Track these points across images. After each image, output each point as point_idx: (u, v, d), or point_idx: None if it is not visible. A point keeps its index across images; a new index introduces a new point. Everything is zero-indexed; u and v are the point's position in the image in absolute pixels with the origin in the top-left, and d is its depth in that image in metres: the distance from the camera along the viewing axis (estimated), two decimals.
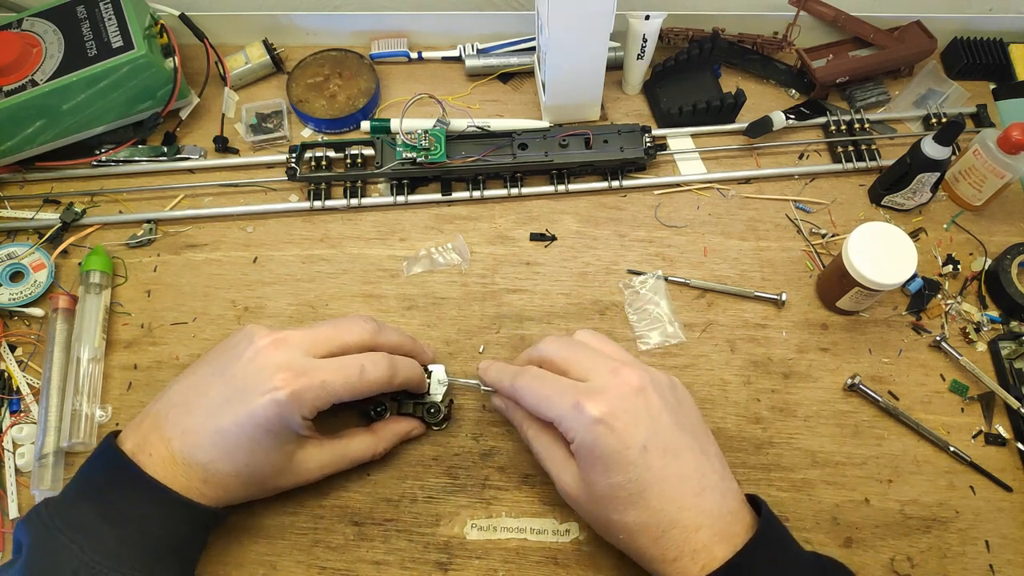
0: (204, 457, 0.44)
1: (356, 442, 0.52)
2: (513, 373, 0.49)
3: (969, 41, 0.73)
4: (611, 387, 0.44)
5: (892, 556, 0.52)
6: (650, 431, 0.43)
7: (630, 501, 0.43)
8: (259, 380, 0.44)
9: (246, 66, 0.72)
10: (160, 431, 0.45)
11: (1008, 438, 0.56)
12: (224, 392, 0.45)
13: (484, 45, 0.74)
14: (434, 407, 0.54)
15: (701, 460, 0.44)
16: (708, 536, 0.42)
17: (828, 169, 0.68)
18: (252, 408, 0.44)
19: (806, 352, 0.60)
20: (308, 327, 0.48)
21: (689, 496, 0.42)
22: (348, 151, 0.66)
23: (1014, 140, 0.58)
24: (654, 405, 0.44)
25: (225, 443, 0.44)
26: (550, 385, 0.46)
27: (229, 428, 0.44)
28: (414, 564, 0.51)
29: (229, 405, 0.44)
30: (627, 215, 0.66)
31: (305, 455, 0.48)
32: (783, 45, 0.73)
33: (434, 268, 0.63)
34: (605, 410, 0.43)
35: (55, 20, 0.64)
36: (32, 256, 0.62)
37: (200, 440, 0.44)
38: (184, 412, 0.46)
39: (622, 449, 0.42)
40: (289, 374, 0.44)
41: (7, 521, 0.53)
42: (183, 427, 0.45)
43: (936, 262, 0.64)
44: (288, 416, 0.44)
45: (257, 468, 0.46)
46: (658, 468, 0.42)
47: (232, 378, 0.45)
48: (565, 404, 0.44)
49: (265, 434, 0.44)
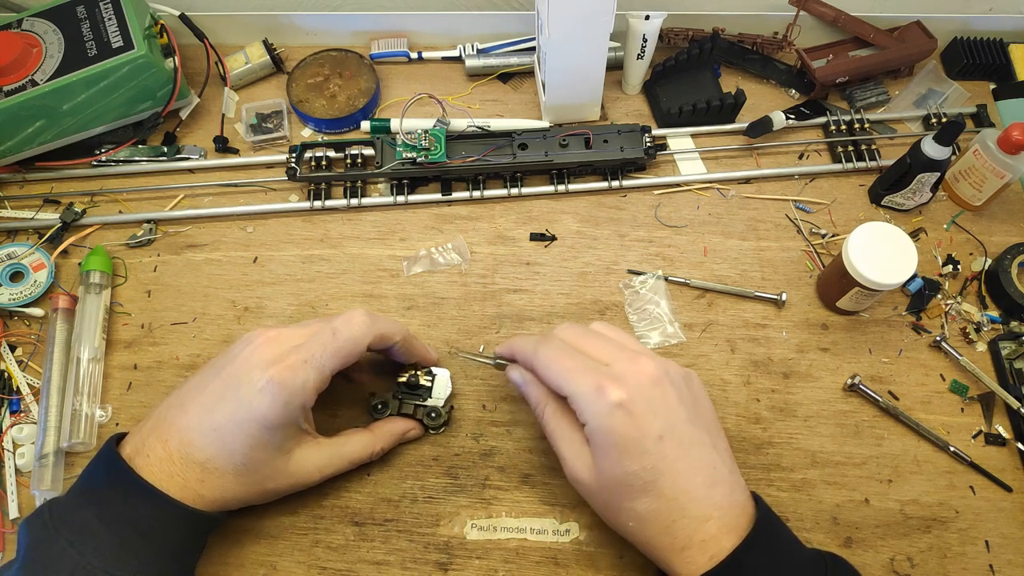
0: (201, 455, 0.44)
1: (353, 441, 0.51)
2: (536, 341, 0.48)
3: (969, 41, 0.73)
4: (630, 375, 0.44)
5: (892, 556, 0.52)
6: (667, 422, 0.43)
7: (643, 489, 0.42)
8: (252, 375, 0.45)
9: (246, 66, 0.72)
10: (159, 431, 0.45)
11: (1008, 438, 0.56)
12: (219, 390, 0.45)
13: (484, 45, 0.74)
14: (435, 411, 0.54)
15: (713, 454, 0.44)
16: (717, 527, 0.42)
17: (828, 169, 0.68)
18: (245, 402, 0.44)
19: (806, 352, 0.60)
20: (303, 323, 0.49)
21: (701, 488, 0.43)
22: (348, 151, 0.66)
23: (1014, 140, 0.58)
24: (671, 396, 0.44)
25: (222, 439, 0.44)
26: (574, 360, 0.45)
27: (225, 424, 0.44)
28: (414, 564, 0.51)
29: (224, 402, 0.45)
30: (627, 215, 0.66)
31: (302, 454, 0.48)
32: (783, 45, 0.73)
33: (434, 268, 0.63)
34: (624, 396, 0.42)
35: (55, 20, 0.64)
36: (32, 256, 0.62)
37: (196, 438, 0.44)
38: (182, 412, 0.46)
39: (639, 437, 0.42)
40: (278, 367, 0.45)
41: (7, 521, 0.53)
42: (180, 426, 0.45)
43: (936, 262, 0.64)
44: (282, 406, 0.44)
45: (254, 466, 0.46)
46: (673, 459, 0.42)
47: (228, 377, 0.46)
48: (587, 384, 0.43)
49: (261, 429, 0.44)
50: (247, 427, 0.44)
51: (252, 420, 0.44)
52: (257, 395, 0.44)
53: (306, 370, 0.45)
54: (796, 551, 0.44)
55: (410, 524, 0.53)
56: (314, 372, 0.45)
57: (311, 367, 0.45)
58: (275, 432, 0.45)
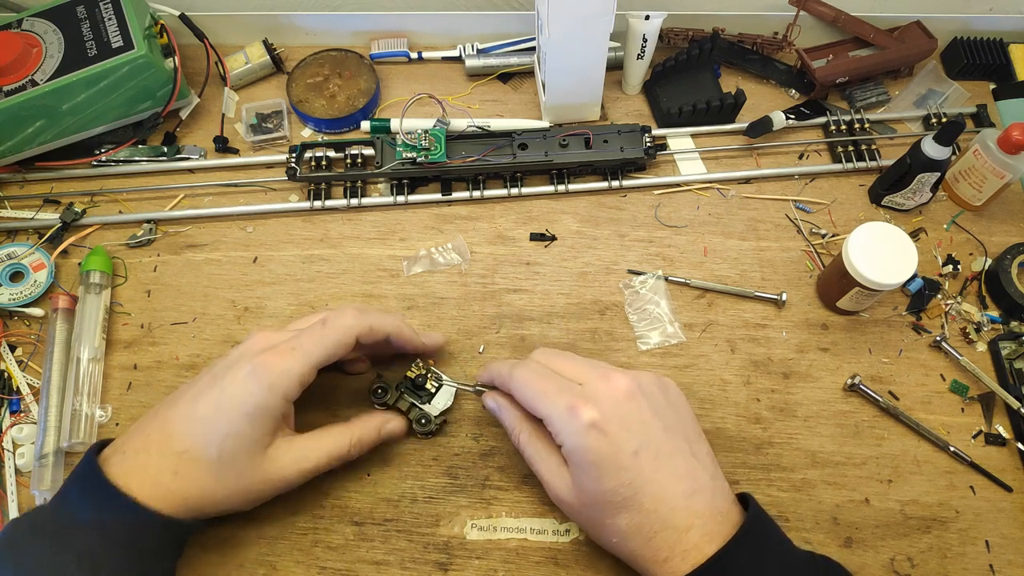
0: (179, 445, 0.44)
1: (331, 433, 0.50)
2: (512, 364, 0.49)
3: (969, 41, 0.73)
4: (603, 393, 0.44)
5: (892, 556, 0.52)
6: (641, 436, 0.43)
7: (623, 505, 0.43)
8: (239, 364, 0.45)
9: (246, 66, 0.72)
10: (143, 426, 0.46)
11: (1008, 438, 0.56)
12: (208, 381, 0.46)
13: (484, 45, 0.74)
14: (426, 418, 0.54)
15: (692, 462, 0.44)
16: (698, 536, 0.42)
17: (828, 169, 0.68)
18: (228, 389, 0.44)
19: (806, 352, 0.60)
20: (295, 320, 0.50)
21: (680, 498, 0.43)
22: (348, 151, 0.66)
23: (1014, 140, 0.58)
24: (645, 410, 0.45)
25: (203, 427, 0.44)
26: (548, 381, 0.46)
27: (206, 412, 0.44)
28: (414, 564, 0.51)
29: (210, 390, 0.45)
30: (627, 215, 0.66)
31: (278, 449, 0.47)
32: (783, 45, 0.73)
33: (434, 268, 0.63)
34: (597, 416, 0.43)
35: (55, 20, 0.64)
36: (32, 256, 0.62)
37: (178, 427, 0.45)
38: (170, 405, 0.46)
39: (615, 454, 0.43)
40: (265, 354, 0.45)
41: (7, 521, 0.53)
42: (165, 417, 0.45)
43: (936, 262, 0.64)
44: (265, 390, 0.44)
45: (229, 458, 0.44)
46: (650, 472, 0.43)
47: (218, 369, 0.46)
48: (560, 405, 0.44)
49: (240, 416, 0.44)
50: (227, 414, 0.44)
51: (233, 407, 0.44)
52: (241, 381, 0.45)
53: (293, 356, 0.46)
54: (787, 553, 0.44)
55: (410, 524, 0.53)
56: (301, 358, 0.46)
57: (299, 353, 0.46)
58: (254, 420, 0.45)
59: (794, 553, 0.44)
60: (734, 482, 0.54)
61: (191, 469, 0.44)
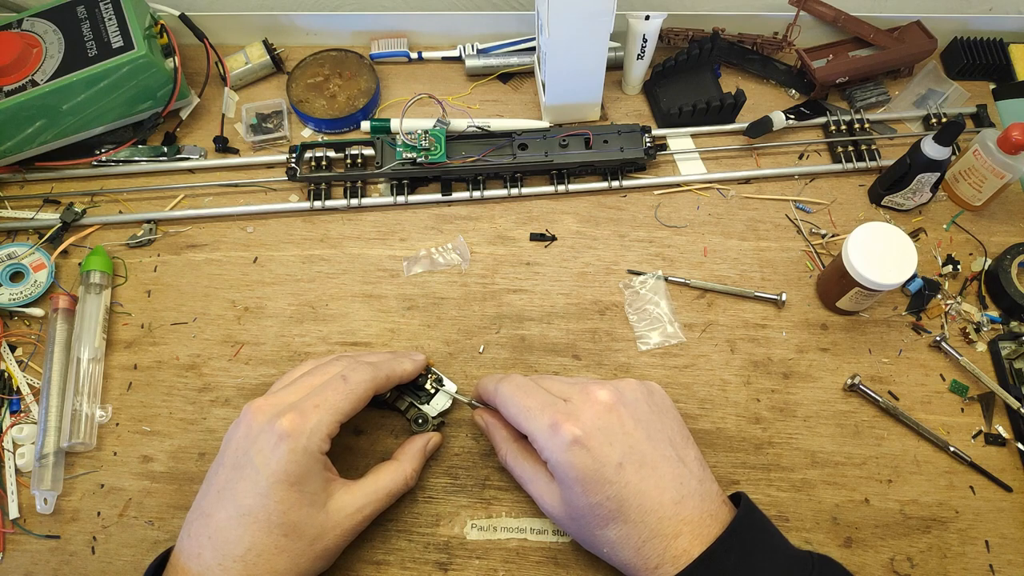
0: (239, 548, 0.42)
1: (384, 473, 0.49)
2: (498, 379, 0.50)
3: (969, 41, 0.73)
4: (584, 407, 0.45)
5: (892, 556, 0.52)
6: (624, 447, 0.43)
7: (610, 517, 0.43)
8: (259, 441, 0.43)
9: (246, 66, 0.72)
10: (186, 551, 0.43)
11: (1008, 438, 0.56)
12: (231, 476, 0.43)
13: (484, 45, 0.74)
14: (423, 418, 0.54)
15: (679, 468, 0.44)
16: (688, 542, 0.42)
17: (828, 169, 0.68)
18: (263, 469, 0.42)
19: (806, 352, 0.60)
20: (285, 384, 0.48)
21: (668, 506, 0.43)
22: (348, 151, 0.66)
23: (1014, 140, 0.58)
24: (627, 421, 0.45)
25: (254, 520, 0.42)
26: (532, 397, 0.46)
27: (252, 504, 0.42)
28: (414, 564, 0.51)
29: (241, 483, 0.43)
30: (627, 215, 0.66)
31: (338, 502, 0.46)
32: (783, 45, 0.73)
33: (434, 268, 0.63)
34: (579, 432, 0.43)
35: (55, 20, 0.64)
36: (32, 256, 0.62)
37: (228, 533, 0.42)
38: (205, 519, 0.43)
39: (599, 468, 0.43)
40: (285, 416, 0.44)
41: (7, 521, 0.53)
42: (208, 534, 0.43)
43: (936, 262, 0.64)
44: (301, 454, 0.43)
45: (296, 531, 0.43)
46: (635, 483, 0.43)
47: (234, 459, 0.44)
48: (543, 422, 0.44)
49: (287, 488, 0.42)
50: (275, 493, 0.42)
51: (276, 483, 0.42)
52: (272, 454, 0.43)
53: (318, 413, 0.44)
54: (780, 551, 0.44)
55: (410, 524, 0.53)
56: (327, 415, 0.45)
57: (322, 410, 0.45)
58: (303, 486, 0.43)
59: (786, 549, 0.44)
60: (734, 482, 0.54)
61: (263, 561, 0.42)
